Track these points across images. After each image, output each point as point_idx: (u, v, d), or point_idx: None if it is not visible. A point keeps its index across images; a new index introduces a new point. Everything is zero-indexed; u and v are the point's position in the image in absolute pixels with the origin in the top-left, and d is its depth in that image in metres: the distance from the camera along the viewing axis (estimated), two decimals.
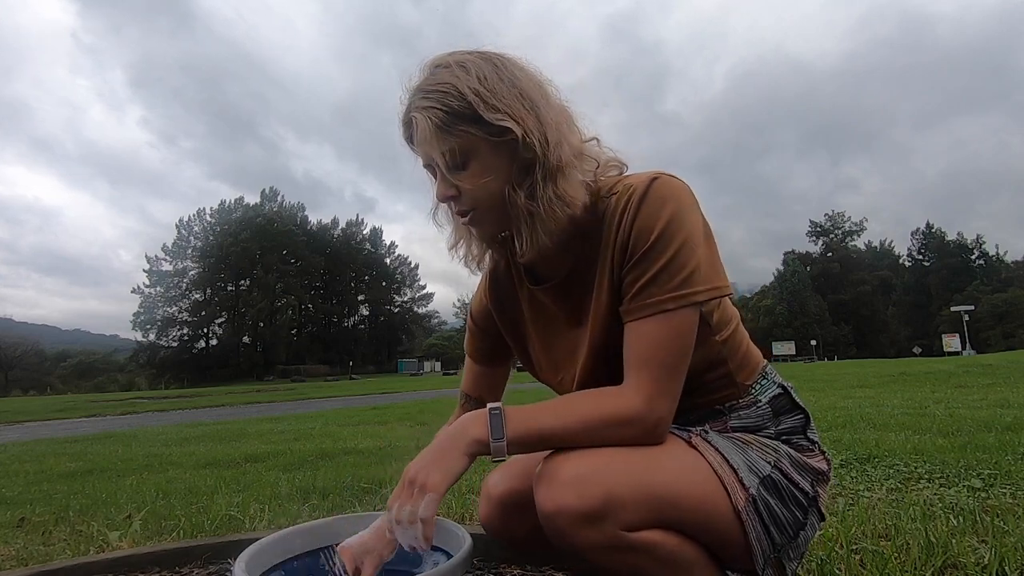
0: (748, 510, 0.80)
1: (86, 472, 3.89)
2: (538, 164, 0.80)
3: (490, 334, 1.07)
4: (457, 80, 0.78)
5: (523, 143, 0.79)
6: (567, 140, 0.83)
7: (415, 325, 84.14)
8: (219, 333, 71.70)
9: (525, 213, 0.82)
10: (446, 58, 0.82)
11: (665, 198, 0.79)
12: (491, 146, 0.80)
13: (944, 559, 1.23)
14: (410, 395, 14.86)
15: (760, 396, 0.91)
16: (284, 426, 6.58)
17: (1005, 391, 5.60)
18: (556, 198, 0.81)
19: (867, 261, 78.26)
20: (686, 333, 0.80)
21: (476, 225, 0.87)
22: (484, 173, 0.81)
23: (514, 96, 0.80)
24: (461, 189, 0.83)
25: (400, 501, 0.76)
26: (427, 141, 0.80)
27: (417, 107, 0.80)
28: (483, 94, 0.78)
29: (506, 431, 0.77)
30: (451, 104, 0.78)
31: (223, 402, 16.70)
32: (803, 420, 0.93)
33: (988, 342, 55.58)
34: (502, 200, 0.82)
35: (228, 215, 70.95)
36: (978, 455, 2.39)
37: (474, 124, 0.78)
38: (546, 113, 0.82)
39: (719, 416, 0.91)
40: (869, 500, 1.81)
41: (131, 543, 1.82)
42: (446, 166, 0.81)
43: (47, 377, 71.37)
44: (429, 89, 0.80)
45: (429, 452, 0.79)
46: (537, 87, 0.83)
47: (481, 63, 0.81)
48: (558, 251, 0.88)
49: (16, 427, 10.92)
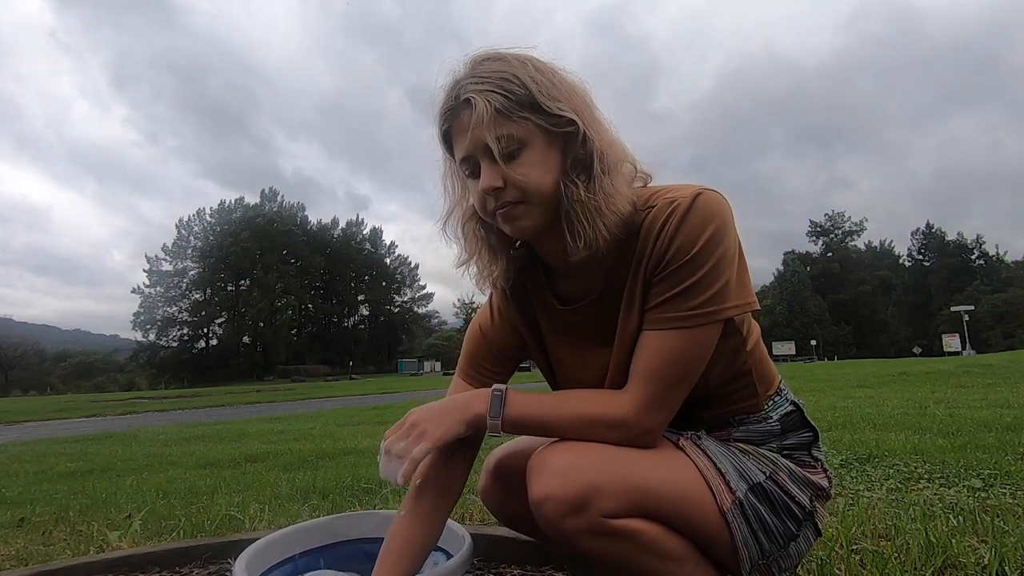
0: (734, 512, 0.81)
1: (86, 472, 3.89)
2: (595, 158, 0.79)
3: (498, 348, 1.00)
4: (515, 69, 0.78)
5: (583, 136, 0.78)
6: (616, 142, 0.83)
7: (415, 325, 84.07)
8: (219, 333, 71.67)
9: (584, 206, 0.79)
10: (497, 52, 0.81)
11: (709, 215, 0.78)
12: (547, 137, 0.79)
13: (944, 559, 1.23)
14: (410, 395, 14.85)
15: (772, 412, 0.91)
16: (284, 426, 6.58)
17: (1005, 391, 5.60)
18: (614, 193, 0.80)
19: (867, 261, 78.23)
20: (703, 350, 0.81)
21: (516, 219, 0.81)
22: (536, 164, 0.79)
23: (572, 91, 0.81)
24: (508, 180, 0.79)
25: (396, 436, 0.82)
26: (483, 124, 0.76)
27: (474, 89, 0.76)
28: (544, 84, 0.78)
29: (503, 411, 0.82)
30: (512, 89, 0.76)
31: (223, 402, 16.70)
32: (811, 438, 0.93)
33: (988, 342, 55.53)
34: (552, 194, 0.80)
35: (228, 215, 70.90)
36: (978, 455, 2.39)
37: (535, 112, 0.77)
38: (599, 113, 0.83)
39: (725, 427, 0.91)
40: (869, 500, 1.81)
41: (131, 543, 1.82)
42: (499, 153, 0.77)
43: (47, 377, 71.33)
44: (486, 75, 0.77)
45: (434, 408, 0.84)
46: (585, 90, 0.84)
47: (534, 58, 0.81)
48: (592, 264, 0.86)
49: (16, 427, 10.92)
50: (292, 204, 76.70)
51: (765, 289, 73.79)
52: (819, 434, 0.95)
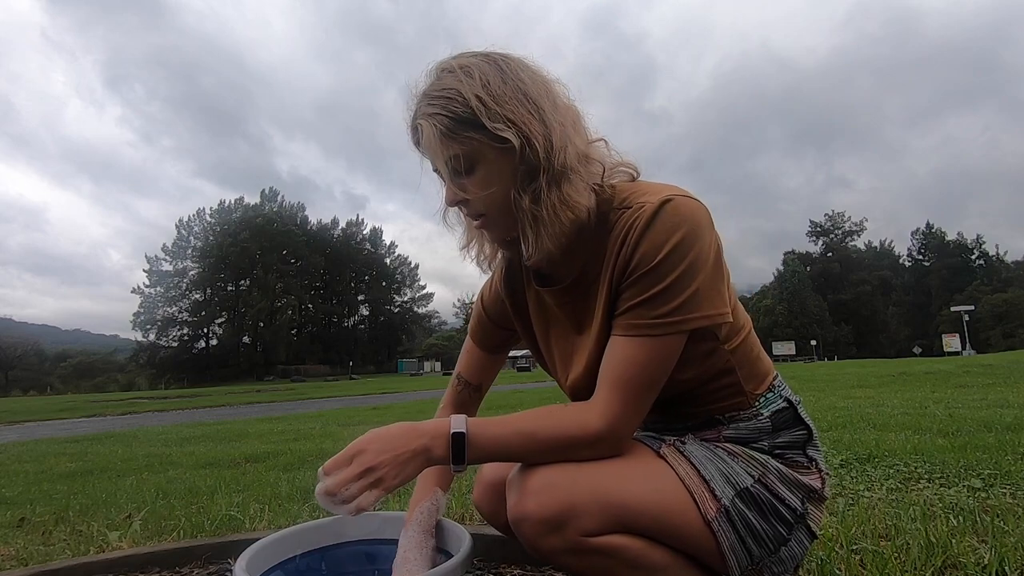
0: (720, 520, 0.80)
1: (86, 472, 3.89)
2: (542, 169, 0.79)
3: (497, 323, 1.08)
4: (461, 85, 0.78)
5: (522, 149, 0.79)
6: (572, 143, 0.82)
7: (415, 325, 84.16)
8: (219, 333, 71.74)
9: (530, 217, 0.81)
10: (451, 62, 0.82)
11: (674, 224, 0.77)
12: (496, 151, 0.80)
13: (944, 559, 1.23)
14: (410, 395, 14.86)
15: (763, 409, 0.90)
16: (284, 426, 6.58)
17: (1005, 391, 5.60)
18: (561, 203, 0.80)
19: (867, 261, 78.22)
20: (667, 358, 0.80)
21: (487, 228, 0.88)
22: (490, 178, 0.81)
23: (519, 100, 0.79)
24: (468, 195, 0.83)
25: (345, 479, 0.75)
26: (432, 147, 0.80)
27: (423, 113, 0.80)
28: (486, 100, 0.78)
29: (467, 456, 0.79)
30: (455, 110, 0.78)
31: (223, 402, 16.71)
32: (804, 436, 0.92)
33: (988, 342, 55.54)
34: (508, 205, 0.82)
35: (228, 215, 70.96)
36: (978, 455, 2.39)
37: (478, 130, 0.78)
38: (552, 116, 0.81)
39: (715, 425, 0.91)
40: (869, 500, 1.81)
41: (131, 543, 1.82)
42: (452, 172, 0.82)
43: (47, 377, 71.44)
44: (435, 95, 0.80)
45: (392, 447, 0.77)
46: (544, 89, 0.82)
47: (486, 67, 0.80)
48: (565, 256, 0.88)
49: (16, 427, 10.93)
50: (292, 204, 76.89)
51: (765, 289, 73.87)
52: (814, 432, 0.93)
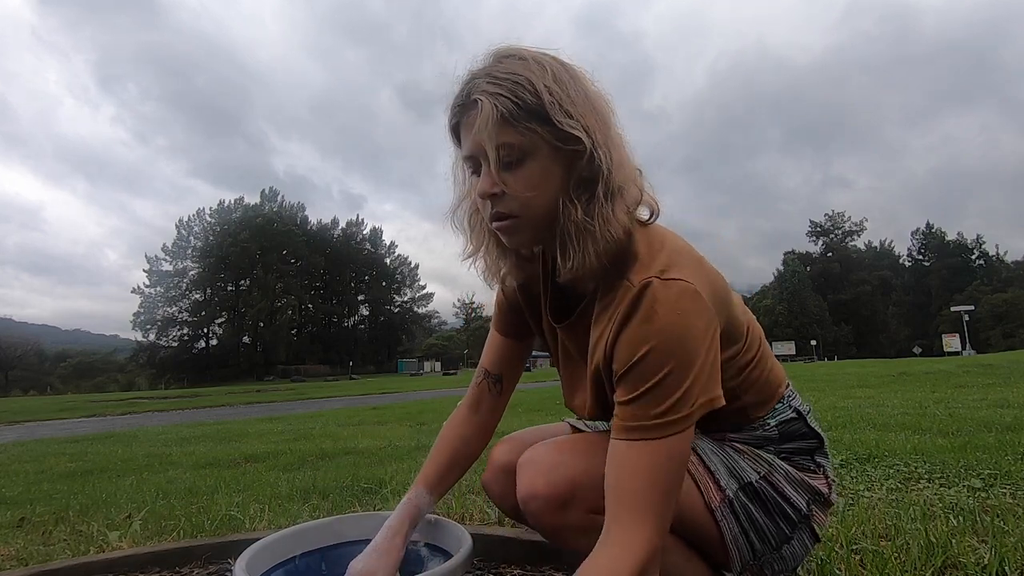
0: (723, 510, 0.81)
1: (86, 472, 3.89)
2: (601, 180, 0.75)
3: (515, 310, 1.01)
4: (532, 75, 0.73)
5: (590, 155, 0.74)
6: (626, 163, 0.79)
7: (415, 325, 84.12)
8: (219, 333, 71.67)
9: (579, 228, 0.75)
10: (520, 50, 0.77)
11: (663, 315, 0.71)
12: (552, 151, 0.75)
13: (944, 559, 1.23)
14: (410, 395, 14.85)
15: (770, 419, 0.89)
16: (284, 426, 6.58)
17: (1005, 391, 5.60)
18: (610, 220, 0.76)
19: (867, 261, 78.21)
20: (676, 457, 0.73)
21: (511, 232, 0.79)
22: (538, 178, 0.75)
23: (588, 106, 0.76)
24: (507, 189, 0.76)
25: None
26: (486, 129, 0.73)
27: (484, 91, 0.73)
28: (559, 95, 0.73)
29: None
30: (523, 97, 0.72)
31: (223, 402, 16.70)
32: (814, 444, 0.91)
33: (988, 342, 55.53)
34: (549, 211, 0.77)
35: (228, 215, 70.91)
36: (978, 455, 2.39)
37: (543, 124, 0.73)
38: (615, 131, 0.78)
39: (722, 433, 0.90)
40: (869, 500, 1.81)
41: (131, 543, 1.82)
42: (498, 161, 0.74)
43: (47, 377, 71.42)
44: (501, 77, 0.73)
45: None
46: (606, 102, 0.79)
47: (557, 65, 0.76)
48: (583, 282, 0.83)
49: (16, 427, 10.92)
50: (292, 204, 76.88)
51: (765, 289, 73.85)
52: (825, 441, 0.92)
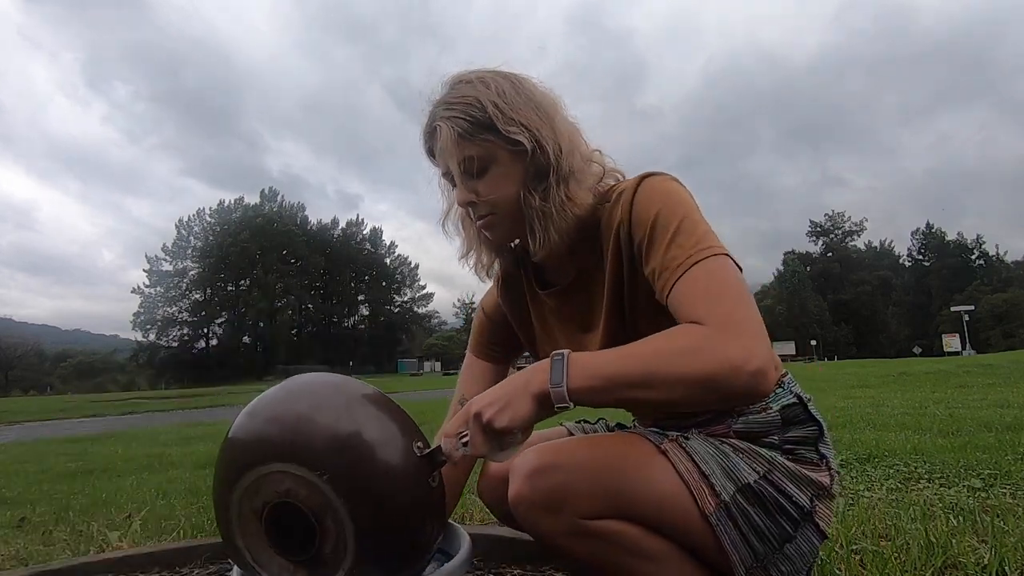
0: (719, 516, 0.80)
1: (86, 472, 3.89)
2: (552, 169, 0.87)
3: (500, 326, 1.11)
4: (479, 93, 0.86)
5: (537, 151, 0.86)
6: (578, 148, 0.91)
7: (415, 325, 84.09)
8: (219, 333, 71.79)
9: (539, 213, 0.88)
10: (468, 75, 0.90)
11: (655, 189, 0.85)
12: (509, 154, 0.87)
13: (944, 559, 1.23)
14: (410, 395, 14.84)
15: (773, 403, 0.91)
16: None
17: (1005, 391, 5.60)
18: (567, 199, 0.88)
19: (867, 261, 78.21)
20: (731, 269, 0.77)
21: (491, 229, 0.92)
22: (501, 179, 0.88)
23: (531, 108, 0.88)
24: (479, 195, 0.89)
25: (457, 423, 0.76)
26: (449, 149, 0.87)
27: (442, 117, 0.87)
28: (501, 106, 0.85)
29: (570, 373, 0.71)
30: (473, 114, 0.85)
31: (223, 402, 16.71)
32: (815, 432, 0.92)
33: (988, 342, 55.50)
34: (517, 205, 0.89)
35: (228, 215, 70.97)
36: (978, 455, 2.39)
37: (493, 133, 0.86)
38: (559, 124, 0.90)
39: (724, 419, 0.91)
40: (869, 500, 1.81)
41: (131, 543, 1.82)
42: (465, 173, 0.88)
43: (47, 377, 71.45)
44: (453, 102, 0.87)
45: (496, 394, 0.75)
46: (551, 102, 0.91)
47: (500, 80, 0.89)
48: (565, 254, 0.94)
49: (16, 427, 10.93)
50: (292, 204, 76.91)
51: (765, 289, 73.84)
52: (825, 428, 0.94)
